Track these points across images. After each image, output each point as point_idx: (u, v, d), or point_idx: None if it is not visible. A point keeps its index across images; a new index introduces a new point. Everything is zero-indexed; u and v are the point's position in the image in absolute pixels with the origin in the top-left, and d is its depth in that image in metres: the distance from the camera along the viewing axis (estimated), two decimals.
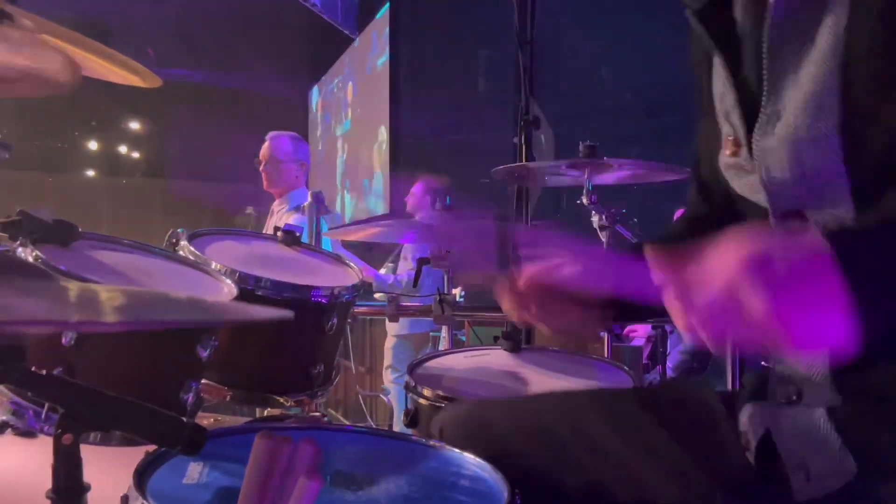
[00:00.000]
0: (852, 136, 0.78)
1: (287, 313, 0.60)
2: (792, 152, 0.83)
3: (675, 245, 1.13)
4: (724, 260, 0.63)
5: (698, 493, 0.90)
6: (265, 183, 3.74)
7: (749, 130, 0.88)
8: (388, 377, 4.30)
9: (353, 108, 8.00)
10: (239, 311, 0.83)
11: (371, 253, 4.96)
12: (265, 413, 1.70)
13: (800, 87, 0.82)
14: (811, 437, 0.83)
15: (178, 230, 1.46)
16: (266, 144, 3.73)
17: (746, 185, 0.92)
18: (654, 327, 3.02)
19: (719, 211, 1.06)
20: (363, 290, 1.69)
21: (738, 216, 0.99)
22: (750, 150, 0.89)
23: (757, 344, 0.64)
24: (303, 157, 3.78)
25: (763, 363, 0.96)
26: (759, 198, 0.89)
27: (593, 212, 2.23)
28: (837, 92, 0.78)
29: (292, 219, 3.47)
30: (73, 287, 0.85)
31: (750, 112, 0.88)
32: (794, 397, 0.87)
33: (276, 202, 3.78)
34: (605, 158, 2.10)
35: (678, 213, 4.03)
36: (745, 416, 0.94)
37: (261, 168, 3.72)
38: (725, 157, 0.93)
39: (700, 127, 1.06)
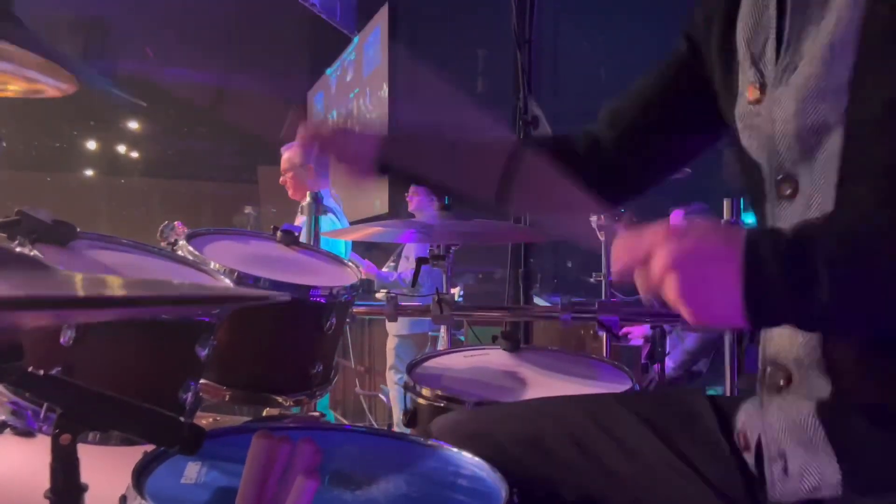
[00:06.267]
0: (859, 90, 0.77)
1: (284, 295, 0.60)
2: (799, 104, 0.81)
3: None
4: (655, 231, 0.73)
5: (692, 498, 0.90)
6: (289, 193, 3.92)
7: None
8: (390, 378, 4.30)
9: (351, 108, 7.99)
10: (237, 294, 0.83)
11: (371, 253, 4.97)
12: (264, 413, 1.69)
13: (817, 38, 0.80)
14: (795, 426, 0.82)
15: (174, 222, 1.46)
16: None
17: (755, 142, 0.89)
18: (652, 327, 3.02)
19: (618, 148, 1.13)
20: (362, 289, 1.68)
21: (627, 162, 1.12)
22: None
23: (660, 303, 0.73)
24: (310, 160, 3.84)
25: (755, 345, 0.95)
26: (763, 156, 0.88)
27: None
28: (854, 44, 0.77)
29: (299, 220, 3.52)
30: (74, 277, 0.85)
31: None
32: (783, 382, 0.85)
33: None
34: None
35: (674, 214, 4.01)
36: (742, 415, 0.93)
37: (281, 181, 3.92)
38: (745, 105, 0.90)
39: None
